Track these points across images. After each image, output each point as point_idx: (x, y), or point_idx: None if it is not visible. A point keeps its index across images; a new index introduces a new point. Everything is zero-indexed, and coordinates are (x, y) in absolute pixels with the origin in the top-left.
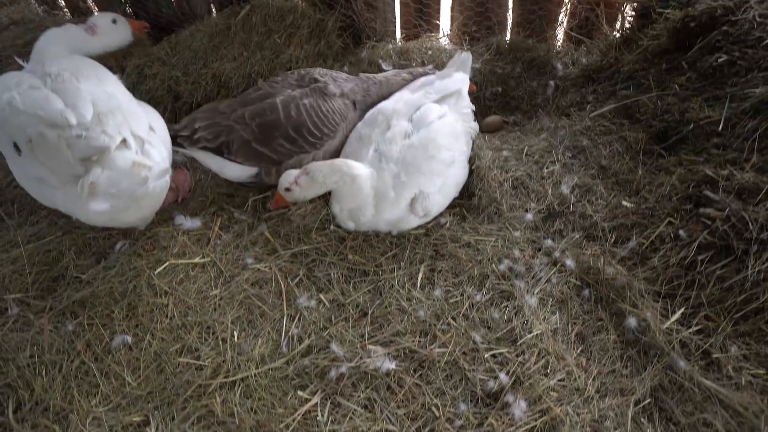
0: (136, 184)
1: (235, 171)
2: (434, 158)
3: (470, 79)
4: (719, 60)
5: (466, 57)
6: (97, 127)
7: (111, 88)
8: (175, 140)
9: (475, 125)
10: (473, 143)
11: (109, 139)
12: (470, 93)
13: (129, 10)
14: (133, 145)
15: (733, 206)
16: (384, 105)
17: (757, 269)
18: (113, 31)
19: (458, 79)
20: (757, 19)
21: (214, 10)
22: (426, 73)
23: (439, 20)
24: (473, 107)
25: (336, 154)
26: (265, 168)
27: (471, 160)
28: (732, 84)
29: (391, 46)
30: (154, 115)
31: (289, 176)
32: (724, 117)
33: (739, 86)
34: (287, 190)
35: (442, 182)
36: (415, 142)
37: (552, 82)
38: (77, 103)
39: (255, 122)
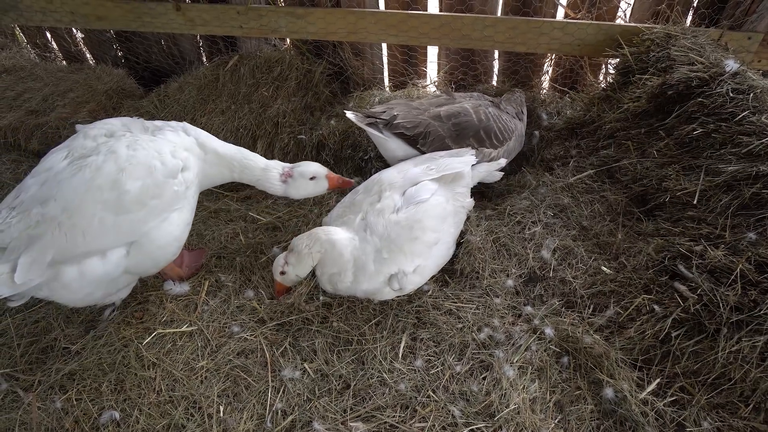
0: None
1: None
2: (418, 239)
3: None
4: (694, 132)
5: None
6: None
7: (76, 181)
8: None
9: (469, 202)
10: (468, 218)
11: None
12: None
13: (120, 53)
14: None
15: (705, 286)
16: (383, 175)
17: (728, 351)
18: (305, 185)
19: (464, 161)
20: (730, 93)
21: (204, 55)
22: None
23: (426, 68)
24: (471, 185)
25: (512, 152)
26: None
27: (462, 235)
28: (707, 156)
29: (378, 93)
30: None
31: (279, 260)
32: (699, 190)
33: (714, 159)
34: (282, 273)
35: (421, 262)
36: (402, 220)
37: (537, 132)
38: (19, 194)
39: (451, 122)
